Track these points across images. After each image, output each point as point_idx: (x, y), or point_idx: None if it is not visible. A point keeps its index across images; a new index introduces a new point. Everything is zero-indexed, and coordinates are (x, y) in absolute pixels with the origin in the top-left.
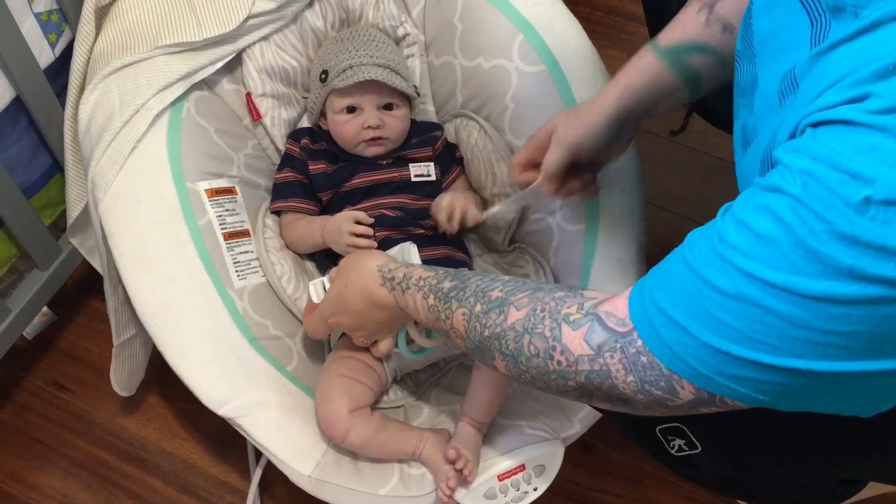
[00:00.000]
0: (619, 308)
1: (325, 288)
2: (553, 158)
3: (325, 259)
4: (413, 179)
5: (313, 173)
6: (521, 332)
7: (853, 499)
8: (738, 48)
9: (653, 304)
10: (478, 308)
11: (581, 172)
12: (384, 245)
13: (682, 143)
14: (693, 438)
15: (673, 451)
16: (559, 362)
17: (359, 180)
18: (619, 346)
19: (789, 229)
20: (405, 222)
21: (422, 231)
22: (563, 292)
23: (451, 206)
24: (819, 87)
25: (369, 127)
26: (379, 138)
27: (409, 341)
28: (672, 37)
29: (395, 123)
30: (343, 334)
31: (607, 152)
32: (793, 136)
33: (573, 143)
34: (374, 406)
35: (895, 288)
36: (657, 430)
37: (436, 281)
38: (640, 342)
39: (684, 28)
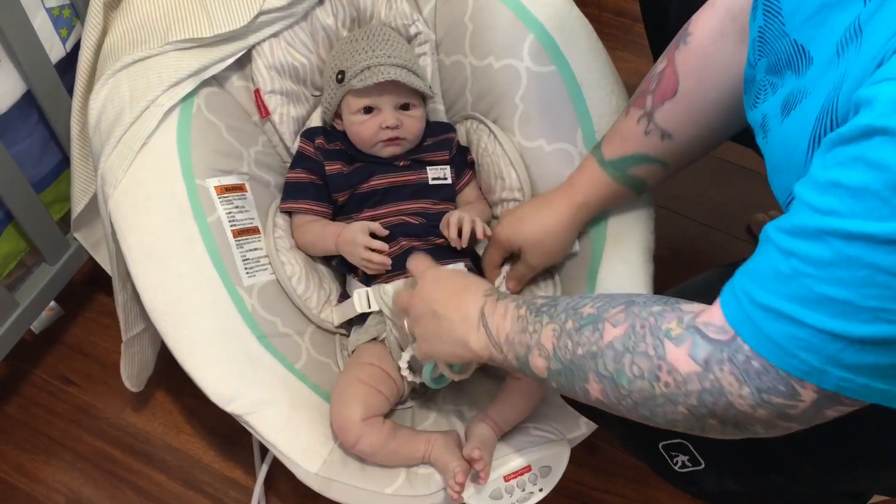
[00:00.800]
0: (715, 316)
1: (368, 299)
2: (524, 273)
3: (343, 267)
4: (430, 182)
5: (329, 174)
6: (621, 352)
7: None
8: (761, 25)
9: (749, 300)
10: (569, 325)
11: None
12: (407, 255)
13: None
14: (697, 455)
15: (676, 468)
16: (666, 384)
17: (376, 182)
18: (725, 355)
19: (885, 171)
20: (428, 231)
21: (443, 240)
22: (660, 306)
23: (461, 222)
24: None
25: (387, 127)
26: (396, 139)
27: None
28: (615, 150)
29: (413, 123)
30: (370, 340)
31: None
32: (878, 67)
33: (542, 264)
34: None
35: None
36: (660, 446)
37: (531, 298)
38: (746, 347)
39: (625, 140)
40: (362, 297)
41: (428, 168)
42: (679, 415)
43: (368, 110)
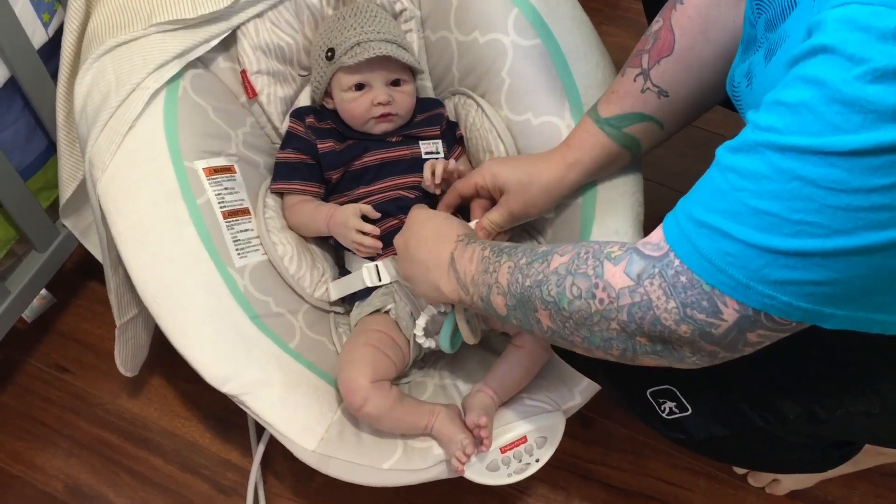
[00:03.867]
0: (654, 236)
1: (378, 273)
2: (496, 221)
3: (341, 245)
4: (424, 157)
5: (322, 152)
6: (563, 276)
7: (841, 469)
8: None
9: (688, 218)
10: (523, 260)
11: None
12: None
13: None
14: (683, 400)
15: (664, 415)
16: (601, 300)
17: (369, 158)
18: (657, 270)
19: (822, 86)
20: (423, 203)
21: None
22: (609, 241)
23: (433, 166)
24: None
25: (379, 103)
26: (389, 115)
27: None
28: (611, 108)
29: (404, 99)
30: (373, 312)
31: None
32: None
33: (519, 214)
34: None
35: None
36: (647, 394)
37: (494, 242)
38: (677, 262)
39: (622, 98)
40: (371, 272)
41: (421, 143)
42: (612, 332)
43: (360, 87)
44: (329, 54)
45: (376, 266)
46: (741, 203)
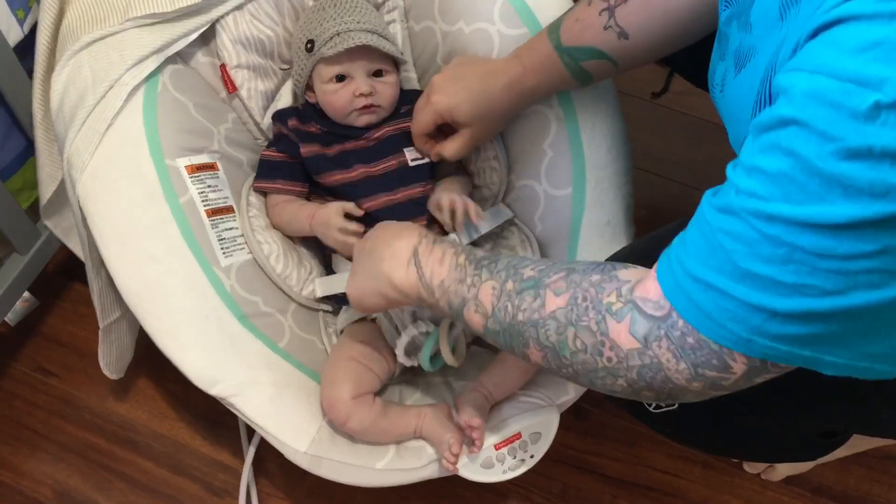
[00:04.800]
0: (650, 290)
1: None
2: (458, 152)
3: (328, 248)
4: (411, 164)
5: (305, 156)
6: (563, 324)
7: (837, 453)
8: None
9: (682, 270)
10: (509, 286)
11: None
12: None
13: (663, 104)
14: None
15: (651, 409)
16: (609, 359)
17: (356, 174)
18: (662, 332)
19: (800, 160)
20: (413, 212)
21: (425, 220)
22: (599, 275)
23: (453, 204)
24: None
25: (361, 94)
26: (371, 106)
27: (432, 357)
28: (573, 37)
29: (387, 90)
30: (358, 320)
31: None
32: (794, 53)
33: (478, 143)
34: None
35: None
36: None
37: (468, 247)
38: (681, 322)
39: (585, 29)
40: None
41: (405, 150)
42: (618, 386)
43: (341, 79)
44: (309, 46)
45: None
46: (734, 264)
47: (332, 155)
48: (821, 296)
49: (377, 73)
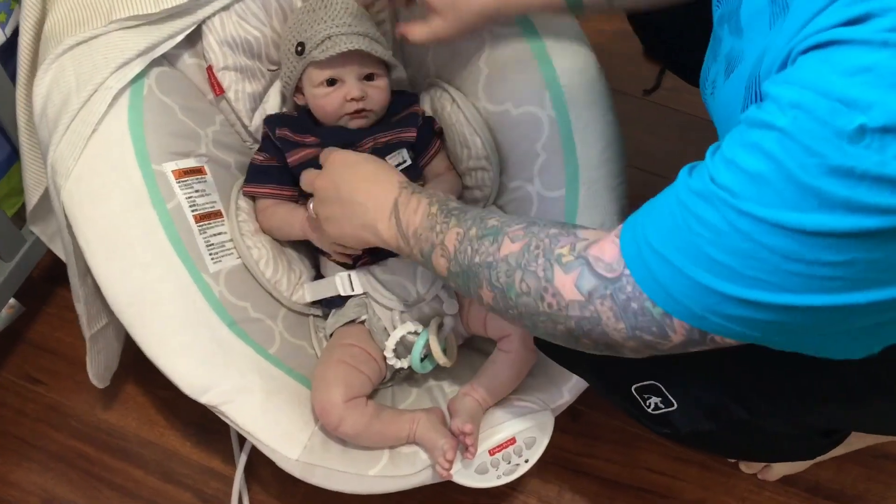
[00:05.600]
0: (606, 252)
1: (351, 282)
2: (423, 33)
3: (317, 248)
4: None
5: (292, 165)
6: (513, 267)
7: (833, 452)
8: None
9: (647, 243)
10: (473, 231)
11: None
12: (377, 252)
13: (655, 101)
14: (669, 395)
15: (649, 410)
16: (549, 304)
17: None
18: (608, 292)
19: (780, 166)
20: None
21: None
22: (557, 229)
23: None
24: (812, 10)
25: (352, 99)
26: (363, 110)
27: (422, 358)
28: None
29: (378, 94)
30: (346, 322)
31: None
32: (784, 65)
33: (448, 29)
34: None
35: (890, 215)
36: (633, 389)
37: (444, 198)
38: (629, 288)
39: None
40: (345, 281)
41: (388, 158)
42: (558, 331)
43: (332, 82)
44: (299, 49)
45: (349, 276)
46: (698, 248)
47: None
48: (777, 292)
49: (368, 77)
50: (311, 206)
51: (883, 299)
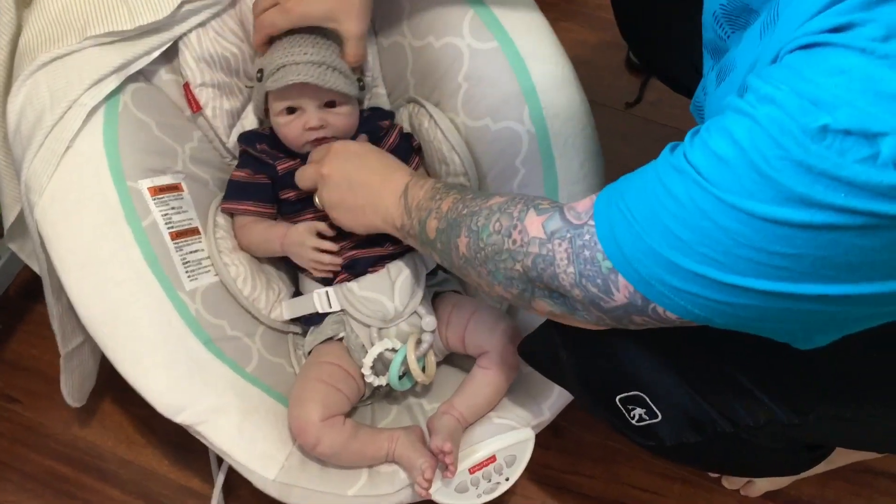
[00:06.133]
0: (580, 204)
1: (329, 299)
2: (354, 51)
3: (295, 265)
4: None
5: (282, 173)
6: (494, 211)
7: (816, 468)
8: None
9: (617, 203)
10: (469, 195)
11: None
12: (355, 259)
13: (637, 115)
14: (653, 406)
15: (634, 422)
16: (514, 241)
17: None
18: (568, 235)
19: (744, 153)
20: (371, 240)
21: (392, 248)
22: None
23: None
24: (802, 19)
25: (310, 128)
26: (324, 138)
27: (401, 376)
28: None
29: (340, 121)
30: (325, 340)
31: None
32: (772, 63)
33: (356, 30)
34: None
35: (842, 215)
36: (617, 400)
37: (448, 182)
38: (587, 236)
39: None
40: (322, 297)
41: None
42: (515, 272)
43: (292, 111)
44: (259, 75)
45: (327, 292)
46: (659, 218)
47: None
48: (725, 271)
49: (330, 104)
50: (318, 196)
51: (826, 293)
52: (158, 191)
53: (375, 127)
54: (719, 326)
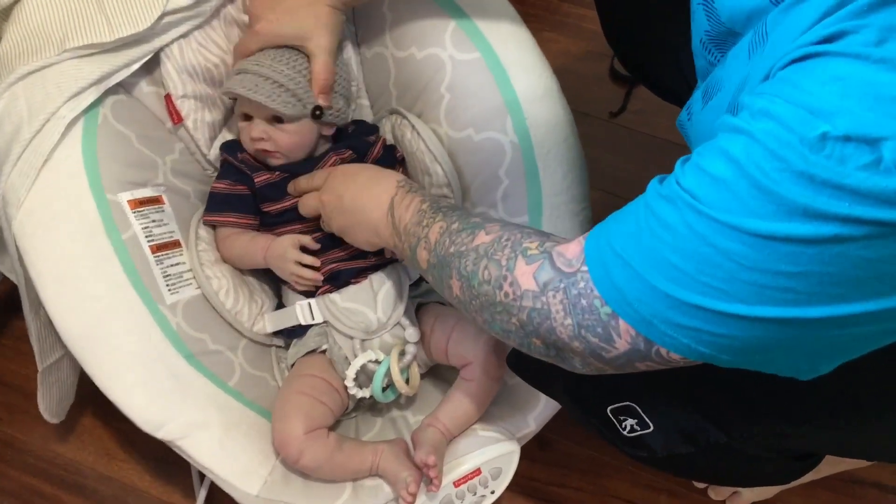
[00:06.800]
0: (569, 250)
1: (312, 311)
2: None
3: (280, 280)
4: None
5: (259, 186)
6: (481, 255)
7: (803, 478)
8: None
9: (608, 244)
10: (455, 225)
11: None
12: (337, 272)
13: (621, 124)
14: (644, 417)
15: (625, 433)
16: (506, 294)
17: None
18: (562, 286)
19: (742, 170)
20: (354, 252)
21: (375, 259)
22: (532, 230)
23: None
24: (793, 34)
25: (253, 139)
26: (270, 151)
27: (384, 387)
28: None
29: (284, 138)
30: (307, 353)
31: None
32: (763, 81)
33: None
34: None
35: (847, 226)
36: (608, 411)
37: (438, 196)
38: (582, 283)
39: None
40: (305, 309)
41: None
42: (512, 326)
43: (247, 117)
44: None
45: (309, 304)
46: (656, 252)
47: (281, 181)
48: (729, 301)
49: (278, 119)
50: (323, 223)
51: (834, 315)
52: (139, 203)
53: (361, 143)
54: (725, 364)
